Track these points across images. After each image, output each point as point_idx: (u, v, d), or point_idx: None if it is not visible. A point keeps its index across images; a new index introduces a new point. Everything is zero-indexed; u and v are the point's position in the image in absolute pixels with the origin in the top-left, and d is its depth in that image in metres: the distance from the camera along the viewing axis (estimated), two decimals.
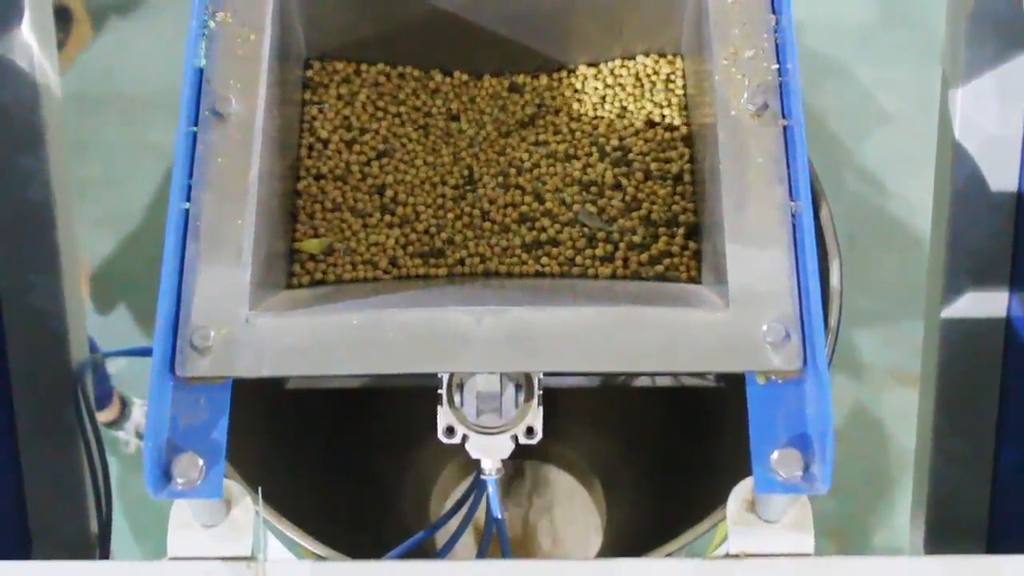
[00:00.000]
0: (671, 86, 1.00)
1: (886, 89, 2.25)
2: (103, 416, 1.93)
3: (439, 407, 0.80)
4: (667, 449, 1.44)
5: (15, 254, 1.07)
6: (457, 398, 0.80)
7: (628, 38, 1.00)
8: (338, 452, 1.40)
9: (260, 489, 0.78)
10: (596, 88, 1.01)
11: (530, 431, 0.80)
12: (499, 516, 0.92)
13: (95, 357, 1.12)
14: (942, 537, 1.12)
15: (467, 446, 0.81)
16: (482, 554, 1.01)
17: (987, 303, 1.08)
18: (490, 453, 0.81)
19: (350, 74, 1.01)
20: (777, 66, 0.84)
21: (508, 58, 1.02)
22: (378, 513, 1.41)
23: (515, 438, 0.81)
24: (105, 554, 1.11)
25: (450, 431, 0.80)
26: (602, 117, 1.00)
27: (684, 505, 1.20)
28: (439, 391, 0.80)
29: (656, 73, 1.01)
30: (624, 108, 1.00)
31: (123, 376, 2.01)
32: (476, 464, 0.84)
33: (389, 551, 0.96)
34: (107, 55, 2.33)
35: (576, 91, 1.01)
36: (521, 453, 0.84)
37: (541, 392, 0.80)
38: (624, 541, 1.45)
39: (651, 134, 0.98)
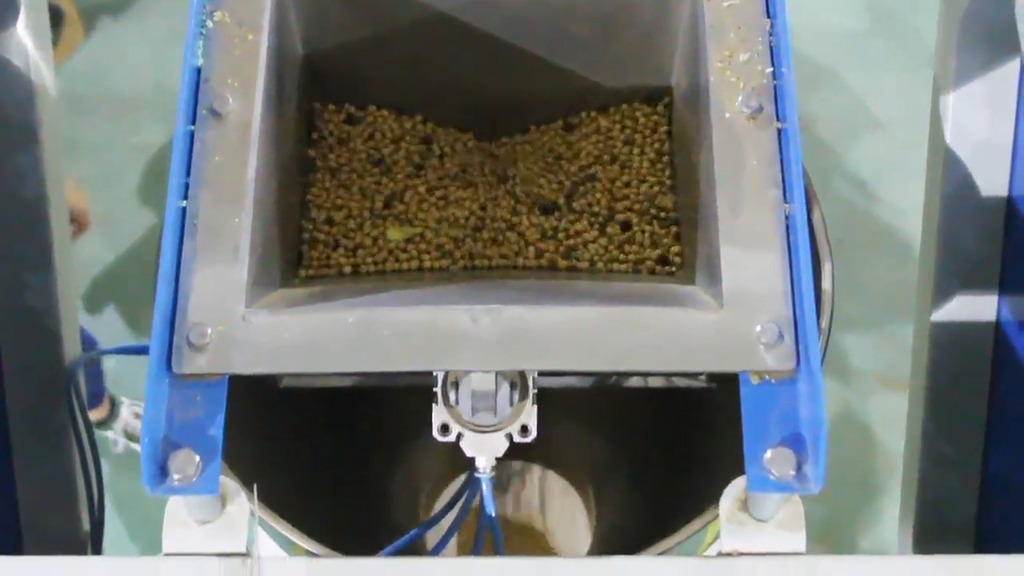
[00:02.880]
0: (655, 131, 1.02)
1: (876, 95, 2.26)
2: (92, 415, 1.93)
3: (434, 405, 0.81)
4: (658, 449, 1.45)
5: (8, 252, 1.08)
6: (452, 396, 0.80)
7: (624, 46, 1.01)
8: (331, 450, 1.40)
9: (256, 486, 0.78)
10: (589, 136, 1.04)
11: (524, 429, 0.81)
12: (493, 514, 0.92)
13: (91, 354, 1.12)
14: (931, 540, 1.12)
15: (462, 444, 0.81)
16: (476, 552, 1.02)
17: (976, 307, 1.09)
18: (484, 451, 0.82)
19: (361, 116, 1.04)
20: (772, 69, 0.84)
21: (504, 67, 1.03)
22: (371, 511, 1.42)
23: (509, 436, 0.81)
24: (97, 552, 1.11)
25: (445, 429, 0.81)
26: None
27: (674, 505, 1.20)
28: (434, 389, 0.80)
29: (642, 117, 1.03)
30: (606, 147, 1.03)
31: (112, 375, 2.01)
32: (469, 463, 0.85)
33: (382, 548, 0.96)
34: (98, 56, 2.33)
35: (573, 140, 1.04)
36: (513, 452, 0.84)
37: (536, 391, 0.81)
38: (614, 540, 1.45)
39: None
